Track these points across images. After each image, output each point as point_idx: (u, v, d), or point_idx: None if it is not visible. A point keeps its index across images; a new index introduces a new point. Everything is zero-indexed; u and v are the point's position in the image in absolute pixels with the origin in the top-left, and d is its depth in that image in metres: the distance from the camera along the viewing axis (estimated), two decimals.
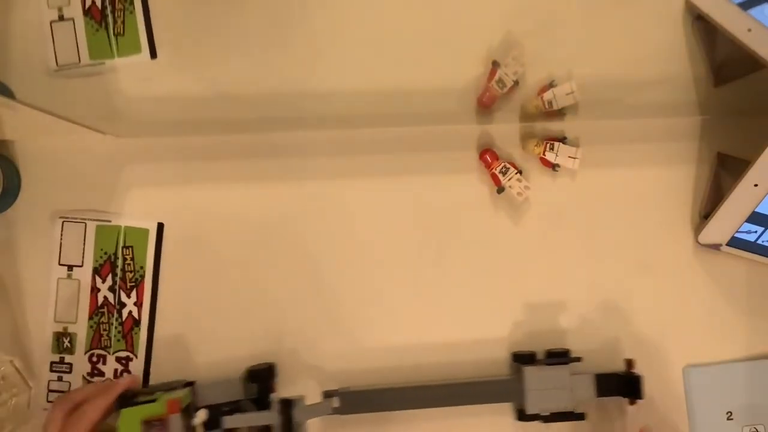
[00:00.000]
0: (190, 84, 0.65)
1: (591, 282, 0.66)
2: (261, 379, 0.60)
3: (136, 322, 0.64)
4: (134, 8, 0.65)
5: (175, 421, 0.55)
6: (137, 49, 0.65)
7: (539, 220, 0.66)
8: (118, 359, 0.64)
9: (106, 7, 0.65)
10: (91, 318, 0.65)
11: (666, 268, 0.66)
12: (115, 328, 0.64)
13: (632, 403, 0.61)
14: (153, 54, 0.65)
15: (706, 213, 0.65)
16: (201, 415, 0.57)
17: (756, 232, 0.62)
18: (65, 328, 0.64)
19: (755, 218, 0.61)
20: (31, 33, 0.64)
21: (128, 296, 0.64)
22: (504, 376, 0.64)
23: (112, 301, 0.65)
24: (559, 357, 0.62)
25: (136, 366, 0.64)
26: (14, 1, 0.64)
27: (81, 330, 0.64)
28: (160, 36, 0.65)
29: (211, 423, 0.57)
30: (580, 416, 0.61)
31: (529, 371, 0.61)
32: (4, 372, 0.62)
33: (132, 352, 0.64)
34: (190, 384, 0.61)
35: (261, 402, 0.59)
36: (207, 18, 0.65)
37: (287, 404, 0.58)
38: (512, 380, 0.62)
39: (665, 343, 0.65)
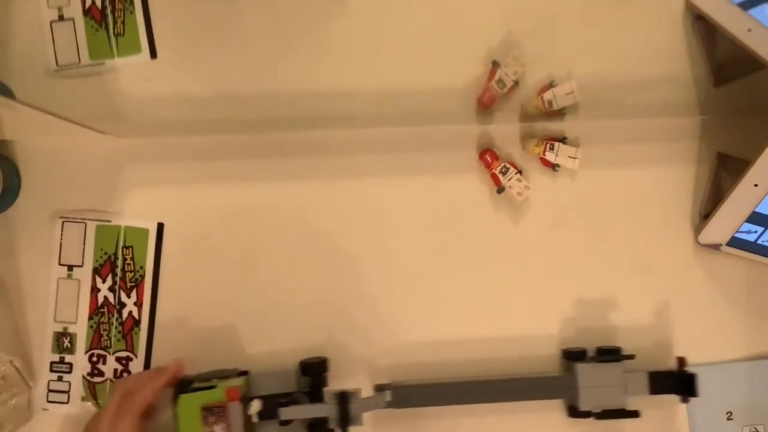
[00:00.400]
0: (191, 84, 0.65)
1: (591, 281, 0.66)
2: (314, 372, 0.60)
3: (136, 322, 0.64)
4: (134, 8, 0.65)
5: (235, 409, 0.55)
6: (137, 49, 0.65)
7: (540, 221, 0.66)
8: (118, 359, 0.64)
9: (106, 7, 0.65)
10: (91, 318, 0.65)
11: (666, 268, 0.66)
12: (115, 328, 0.64)
13: (685, 400, 0.61)
14: (153, 54, 0.65)
15: (706, 213, 0.65)
16: (256, 405, 0.56)
17: (756, 232, 0.62)
18: (65, 328, 0.64)
19: (755, 218, 0.61)
20: (31, 33, 0.64)
21: (128, 296, 0.64)
22: (556, 373, 0.64)
23: (112, 301, 0.65)
24: (612, 354, 0.62)
25: (136, 366, 0.64)
26: (14, 1, 0.65)
27: (81, 330, 0.64)
28: (160, 36, 0.65)
29: (266, 413, 0.56)
30: (634, 414, 0.61)
31: (582, 368, 0.61)
32: (4, 372, 0.62)
33: (132, 352, 0.64)
34: (244, 373, 0.61)
35: (313, 395, 0.58)
36: (207, 18, 0.65)
37: (344, 397, 0.58)
38: (565, 377, 0.62)
39: (665, 343, 0.65)
